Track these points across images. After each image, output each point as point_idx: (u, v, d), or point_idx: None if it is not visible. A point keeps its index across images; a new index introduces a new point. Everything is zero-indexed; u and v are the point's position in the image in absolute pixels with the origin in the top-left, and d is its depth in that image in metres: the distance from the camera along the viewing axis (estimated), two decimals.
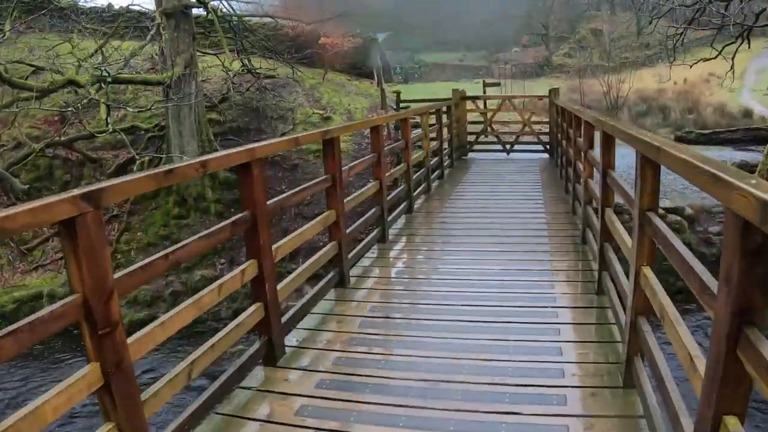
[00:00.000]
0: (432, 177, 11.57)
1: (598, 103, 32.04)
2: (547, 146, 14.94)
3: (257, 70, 20.55)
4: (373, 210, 7.71)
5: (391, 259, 7.56)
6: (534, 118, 15.79)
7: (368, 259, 7.27)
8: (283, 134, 18.96)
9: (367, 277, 6.67)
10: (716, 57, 18.82)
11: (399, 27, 63.86)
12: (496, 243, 7.78)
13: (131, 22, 20.43)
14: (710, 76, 40.40)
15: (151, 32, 17.15)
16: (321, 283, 5.66)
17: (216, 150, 17.54)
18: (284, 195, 4.98)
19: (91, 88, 13.95)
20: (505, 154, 15.50)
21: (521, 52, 56.36)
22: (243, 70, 20.47)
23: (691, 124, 28.07)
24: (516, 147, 15.52)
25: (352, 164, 7.08)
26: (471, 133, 15.75)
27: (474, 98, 15.64)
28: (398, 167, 9.23)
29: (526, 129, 15.21)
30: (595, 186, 5.94)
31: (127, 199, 16.32)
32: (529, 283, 6.06)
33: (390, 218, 8.37)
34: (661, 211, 3.66)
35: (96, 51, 16.17)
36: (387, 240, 8.01)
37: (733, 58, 18.94)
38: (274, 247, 4.37)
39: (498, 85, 22.98)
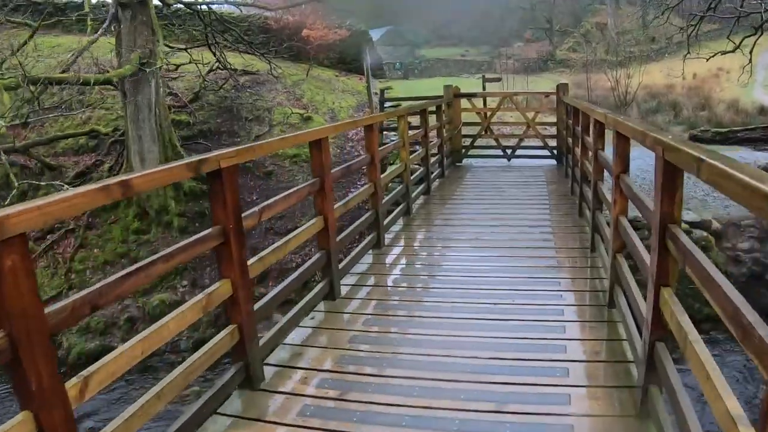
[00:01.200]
0: (414, 195, 9.27)
1: (605, 99, 30.36)
2: (555, 151, 12.50)
3: (233, 67, 18.30)
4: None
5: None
6: (539, 118, 13.30)
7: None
8: (257, 137, 16.67)
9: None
10: (735, 50, 18.06)
11: (400, 21, 62.54)
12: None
13: (84, 15, 18.09)
14: (719, 71, 39.24)
15: (104, 25, 14.95)
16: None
17: (180, 156, 15.45)
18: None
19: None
20: (505, 160, 13.01)
21: (524, 46, 54.28)
22: (219, 67, 18.21)
23: (704, 121, 26.38)
24: (518, 152, 13.01)
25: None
26: (466, 136, 13.24)
27: (469, 96, 13.14)
28: (361, 189, 6.78)
29: (530, 131, 12.69)
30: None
31: (85, 212, 14.38)
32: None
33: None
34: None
35: (20, 48, 13.74)
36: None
37: (751, 52, 18.10)
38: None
39: (499, 80, 20.31)
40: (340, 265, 5.90)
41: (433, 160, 10.92)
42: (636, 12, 51.68)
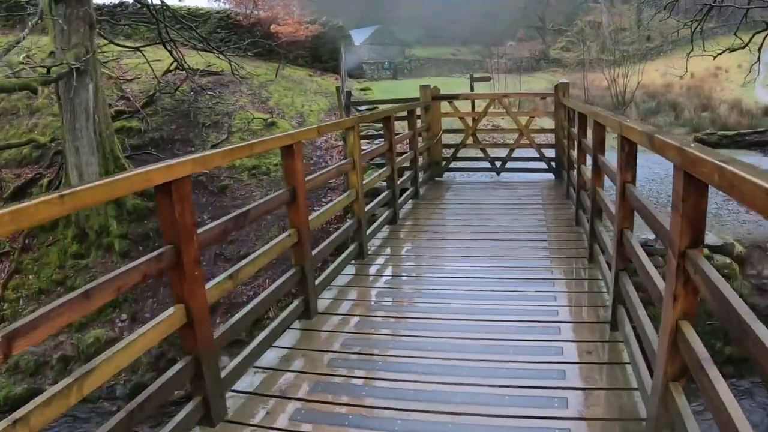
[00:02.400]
0: (376, 226, 7.11)
1: (602, 99, 28.78)
2: (553, 163, 10.24)
3: (194, 67, 16.14)
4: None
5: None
6: (535, 123, 11.04)
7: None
8: (213, 146, 14.42)
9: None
10: (745, 46, 17.02)
11: (390, 20, 61.25)
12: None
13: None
14: (718, 71, 37.89)
15: (32, 20, 12.86)
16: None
17: (123, 169, 13.28)
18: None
19: None
20: (494, 174, 10.70)
21: (517, 45, 52.53)
22: (178, 67, 16.03)
23: (708, 123, 24.91)
24: (510, 164, 10.64)
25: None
26: (448, 146, 10.98)
27: (451, 98, 10.82)
28: (283, 235, 4.69)
29: (524, 139, 10.42)
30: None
31: (21, 232, 13.04)
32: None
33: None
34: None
35: None
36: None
37: (759, 49, 17.34)
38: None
39: (489, 79, 17.90)
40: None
41: (405, 176, 8.71)
42: (631, 10, 49.98)
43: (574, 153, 7.54)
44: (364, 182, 6.66)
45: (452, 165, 10.78)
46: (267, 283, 10.95)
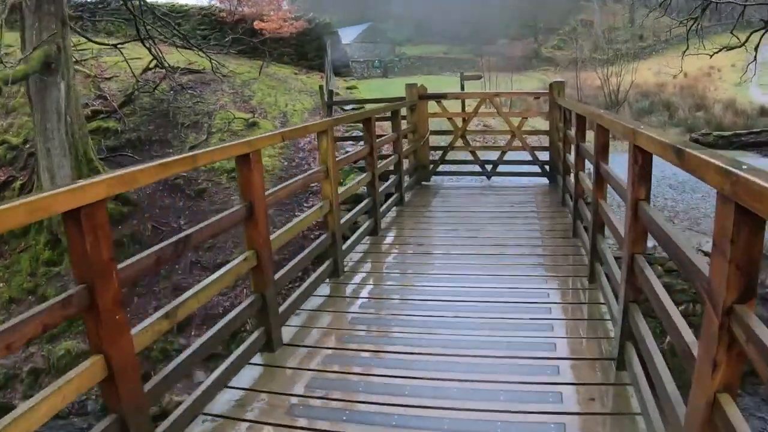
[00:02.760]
0: (351, 242, 6.36)
1: (595, 98, 28.37)
2: (547, 167, 9.58)
3: (174, 65, 15.44)
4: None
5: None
6: (528, 124, 10.40)
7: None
8: (192, 147, 13.72)
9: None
10: (742, 45, 16.70)
11: (382, 18, 60.68)
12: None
13: None
14: (711, 70, 37.50)
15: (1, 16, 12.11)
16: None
17: (97, 171, 12.60)
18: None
19: None
20: (485, 178, 10.04)
21: (509, 44, 51.84)
22: (158, 65, 15.33)
23: (702, 123, 24.65)
24: (501, 167, 9.97)
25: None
26: (436, 148, 10.30)
27: (438, 97, 10.13)
28: (240, 257, 4.01)
29: (516, 141, 9.76)
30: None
31: None
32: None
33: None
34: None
35: None
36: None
37: (756, 48, 17.08)
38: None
39: (479, 78, 17.19)
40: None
41: (389, 182, 8.05)
42: (623, 9, 49.48)
43: (571, 157, 6.90)
44: (342, 190, 6.01)
45: (440, 168, 10.11)
46: (245, 293, 10.29)
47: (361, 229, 6.66)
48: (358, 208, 6.42)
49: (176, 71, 16.26)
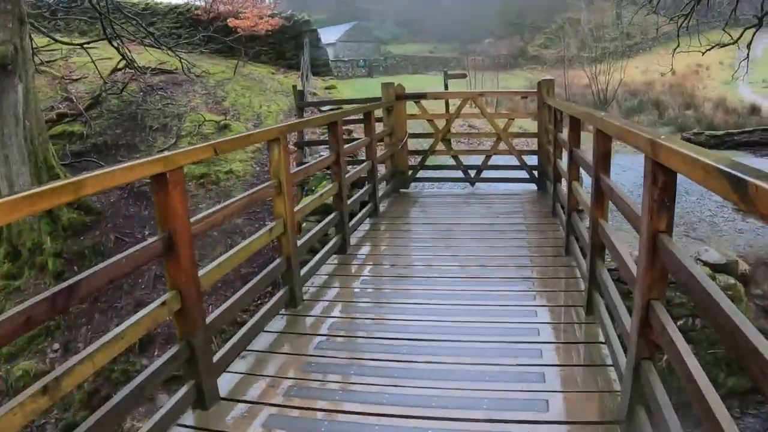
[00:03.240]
0: (312, 265, 5.49)
1: (582, 97, 27.71)
2: (535, 172, 8.77)
3: (144, 65, 14.59)
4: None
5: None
6: (516, 125, 9.56)
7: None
8: (160, 152, 12.85)
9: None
10: (735, 42, 16.37)
11: (368, 16, 60.08)
12: None
13: None
14: (699, 68, 37.16)
15: None
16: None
17: (57, 179, 11.69)
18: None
19: None
20: (468, 184, 9.23)
21: (495, 43, 51.19)
22: (127, 65, 14.49)
23: (693, 122, 24.02)
24: (486, 173, 9.17)
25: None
26: (414, 153, 9.48)
27: (417, 97, 9.35)
28: (158, 301, 3.17)
29: (502, 144, 8.95)
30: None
31: None
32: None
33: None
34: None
35: None
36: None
37: (748, 46, 16.68)
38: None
39: (464, 76, 16.34)
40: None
41: (361, 192, 7.22)
42: (610, 7, 48.91)
43: (563, 164, 6.12)
44: (302, 205, 5.19)
45: (420, 174, 9.26)
46: (211, 310, 9.45)
47: (326, 248, 5.84)
48: (319, 226, 5.58)
49: (147, 72, 15.43)
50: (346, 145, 6.46)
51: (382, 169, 8.55)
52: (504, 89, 23.46)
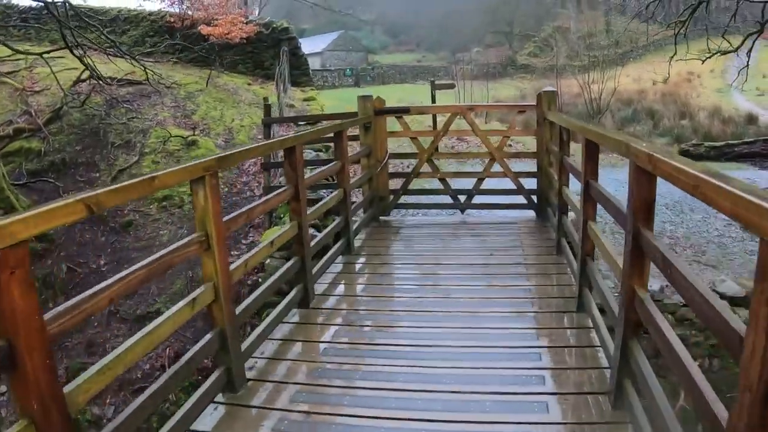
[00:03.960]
0: (264, 327, 4.35)
1: (574, 107, 26.53)
2: (534, 197, 7.60)
3: (111, 76, 13.42)
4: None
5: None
6: (510, 144, 8.39)
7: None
8: (121, 171, 11.69)
9: None
10: (737, 49, 15.36)
11: (356, 25, 59.19)
12: None
13: None
14: (690, 75, 36.45)
15: None
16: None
17: (8, 202, 10.56)
18: None
19: None
20: (458, 211, 8.03)
21: (483, 51, 50.24)
22: (92, 76, 13.27)
23: (689, 132, 22.88)
24: (477, 198, 7.96)
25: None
26: (396, 175, 8.29)
27: (400, 112, 7.89)
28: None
29: (496, 166, 7.76)
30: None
31: None
32: None
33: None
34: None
35: None
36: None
37: (749, 53, 15.99)
38: None
39: (453, 87, 15.11)
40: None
41: (328, 229, 6.02)
42: (599, 16, 48.09)
43: (575, 198, 4.98)
44: (242, 261, 4.01)
45: (402, 200, 8.08)
46: (163, 359, 8.25)
47: (285, 301, 4.66)
48: (268, 282, 4.37)
49: (113, 83, 14.24)
50: (310, 174, 5.29)
51: (360, 194, 7.38)
52: (495, 101, 22.35)
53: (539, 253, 6.11)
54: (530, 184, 7.59)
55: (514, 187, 7.63)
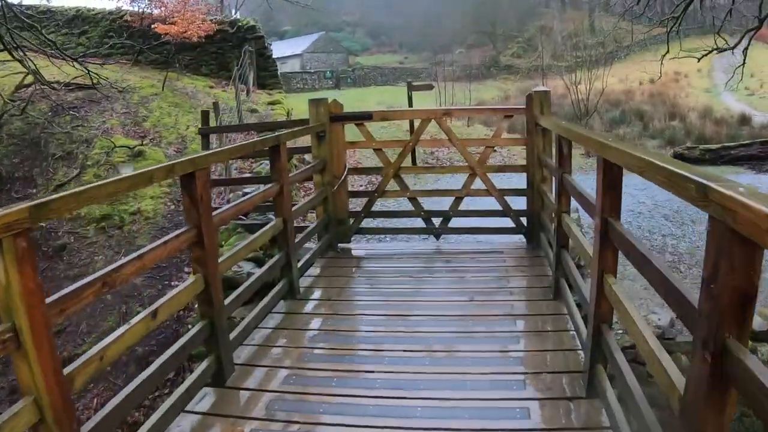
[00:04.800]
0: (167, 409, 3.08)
1: (561, 108, 25.36)
2: (523, 218, 6.24)
3: (59, 80, 12.02)
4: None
5: None
6: (494, 155, 6.94)
7: None
8: (59, 187, 10.30)
9: None
10: (734, 47, 14.85)
11: (337, 28, 58.12)
12: None
13: None
14: (677, 75, 35.73)
15: None
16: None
17: None
18: None
19: None
20: (432, 237, 6.66)
21: (466, 52, 49.11)
22: (38, 80, 11.84)
23: (682, 133, 21.70)
24: (455, 221, 6.52)
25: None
26: (358, 194, 6.90)
27: (360, 118, 6.40)
28: None
29: (478, 182, 6.37)
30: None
31: None
32: None
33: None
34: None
35: None
36: None
37: (745, 52, 15.21)
38: None
39: (431, 88, 13.70)
40: None
41: (258, 272, 4.62)
42: (583, 15, 47.11)
43: (579, 234, 3.68)
44: (101, 349, 2.64)
45: (365, 223, 6.68)
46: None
47: (194, 376, 3.31)
48: (161, 362, 2.99)
49: (60, 87, 12.83)
50: (226, 207, 3.92)
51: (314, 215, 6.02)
52: (478, 102, 21.01)
53: (532, 297, 4.77)
54: (519, 203, 6.22)
55: (500, 208, 6.25)
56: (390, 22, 56.89)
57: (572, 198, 4.05)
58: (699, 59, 15.86)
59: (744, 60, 16.14)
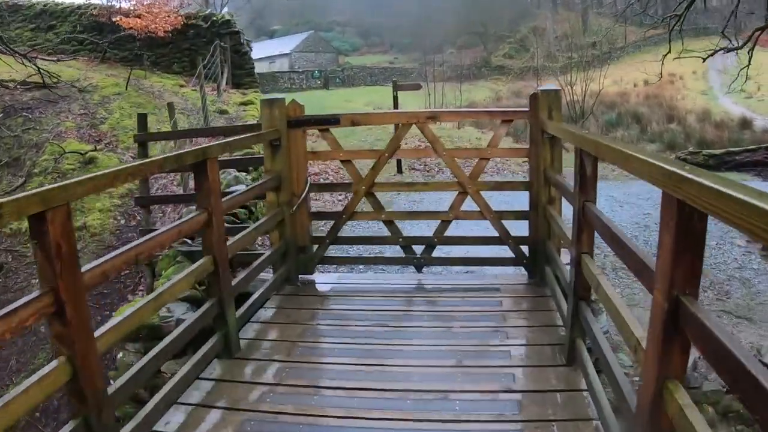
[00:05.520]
0: None
1: None
2: (525, 248, 4.98)
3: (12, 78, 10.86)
4: None
5: None
6: (489, 167, 5.72)
7: None
8: (5, 194, 9.05)
9: None
10: (740, 48, 14.72)
11: (327, 28, 57.32)
12: None
13: None
14: (672, 77, 34.90)
15: None
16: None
17: None
18: None
19: None
20: (412, 270, 5.39)
21: (457, 53, 48.25)
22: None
23: (681, 137, 21.00)
24: (440, 249, 5.29)
25: None
26: (322, 216, 5.71)
27: (323, 123, 5.03)
28: None
29: (469, 203, 5.13)
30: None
31: None
32: None
33: None
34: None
35: None
36: None
37: (750, 52, 14.69)
38: None
39: (418, 88, 12.58)
40: None
41: (181, 328, 3.43)
42: (575, 17, 46.34)
43: (611, 293, 2.54)
44: None
45: (331, 251, 5.49)
46: None
47: None
48: None
49: (15, 86, 11.65)
50: (102, 259, 2.73)
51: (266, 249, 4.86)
52: (469, 103, 19.80)
53: (537, 361, 3.60)
54: (519, 228, 5.03)
55: (496, 234, 5.06)
56: (381, 22, 56.13)
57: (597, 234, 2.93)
58: (705, 59, 15.38)
59: (749, 61, 15.47)
